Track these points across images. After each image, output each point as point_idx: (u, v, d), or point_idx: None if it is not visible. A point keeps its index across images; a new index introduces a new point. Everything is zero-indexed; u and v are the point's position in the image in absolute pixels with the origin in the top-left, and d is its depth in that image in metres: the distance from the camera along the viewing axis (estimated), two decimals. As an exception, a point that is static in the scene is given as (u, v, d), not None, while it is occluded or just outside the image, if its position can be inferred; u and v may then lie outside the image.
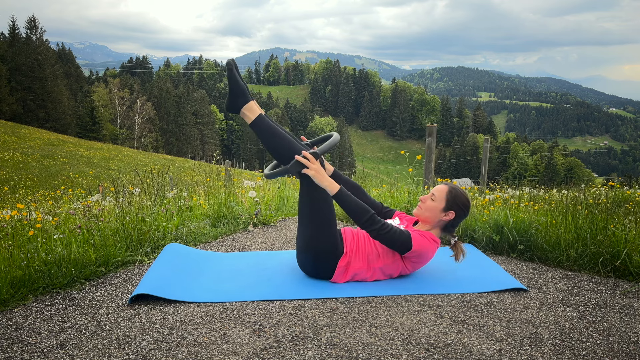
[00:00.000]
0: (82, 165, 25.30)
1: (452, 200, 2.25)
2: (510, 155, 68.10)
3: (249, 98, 2.27)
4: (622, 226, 2.55)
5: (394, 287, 2.20)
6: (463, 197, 2.27)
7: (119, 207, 2.96)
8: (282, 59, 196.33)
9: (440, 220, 2.28)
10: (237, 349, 1.59)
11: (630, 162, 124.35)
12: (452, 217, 2.26)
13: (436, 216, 2.27)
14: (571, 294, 2.17)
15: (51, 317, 1.85)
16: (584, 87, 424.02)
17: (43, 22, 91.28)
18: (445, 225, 2.30)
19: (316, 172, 2.14)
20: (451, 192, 2.26)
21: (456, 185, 2.34)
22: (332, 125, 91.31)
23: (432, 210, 2.27)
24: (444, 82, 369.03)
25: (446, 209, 2.25)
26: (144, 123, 57.59)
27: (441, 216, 2.26)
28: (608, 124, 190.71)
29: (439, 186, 2.32)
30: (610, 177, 13.75)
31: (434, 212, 2.27)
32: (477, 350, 1.59)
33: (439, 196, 2.27)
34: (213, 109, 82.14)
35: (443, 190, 2.28)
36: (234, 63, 2.26)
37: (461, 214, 2.27)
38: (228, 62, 2.27)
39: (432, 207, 2.27)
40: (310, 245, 2.19)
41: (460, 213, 2.27)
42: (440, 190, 2.28)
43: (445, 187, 2.29)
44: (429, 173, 5.05)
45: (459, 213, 2.26)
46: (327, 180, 2.15)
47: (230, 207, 3.85)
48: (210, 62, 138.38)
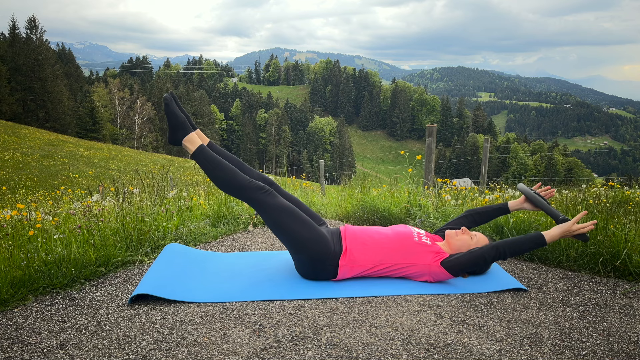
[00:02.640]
0: (82, 165, 25.30)
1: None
2: (510, 156, 68.11)
3: (189, 130, 2.31)
4: (622, 226, 2.55)
5: (394, 287, 2.20)
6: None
7: (119, 207, 2.96)
8: (282, 59, 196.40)
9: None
10: (237, 349, 1.59)
11: (630, 162, 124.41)
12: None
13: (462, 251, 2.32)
14: (571, 294, 2.17)
15: (51, 317, 1.85)
16: (583, 87, 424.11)
17: (42, 22, 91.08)
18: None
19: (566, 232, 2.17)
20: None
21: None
22: (332, 126, 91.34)
23: (466, 246, 2.32)
24: (443, 82, 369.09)
25: None
26: (144, 123, 57.59)
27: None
28: (608, 124, 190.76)
29: (484, 236, 2.38)
30: (610, 177, 13.76)
31: (465, 247, 2.32)
32: (477, 350, 1.59)
33: (479, 241, 2.33)
34: (213, 109, 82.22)
35: (485, 241, 2.35)
36: (170, 97, 2.33)
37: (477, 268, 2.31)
38: (164, 97, 2.33)
39: (466, 243, 2.32)
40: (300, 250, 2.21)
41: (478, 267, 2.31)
42: (484, 239, 2.35)
43: (487, 241, 2.36)
44: (429, 173, 5.05)
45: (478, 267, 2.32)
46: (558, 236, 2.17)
47: (230, 207, 3.85)
48: (210, 62, 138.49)
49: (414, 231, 2.34)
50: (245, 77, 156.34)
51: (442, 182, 4.60)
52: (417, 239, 2.28)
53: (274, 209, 2.21)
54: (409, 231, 2.33)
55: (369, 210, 3.89)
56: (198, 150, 2.27)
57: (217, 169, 2.24)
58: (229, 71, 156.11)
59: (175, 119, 2.30)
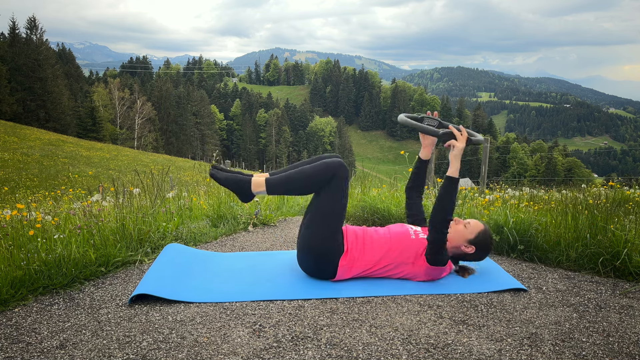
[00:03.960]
0: (82, 166, 25.30)
1: (482, 238, 2.29)
2: (510, 156, 68.09)
3: (248, 179, 2.27)
4: (622, 226, 2.55)
5: (394, 287, 2.20)
6: (490, 243, 2.32)
7: (119, 207, 2.96)
8: (282, 59, 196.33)
9: (458, 247, 2.32)
10: (237, 349, 1.59)
11: (630, 162, 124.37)
12: (469, 252, 2.30)
13: (459, 242, 2.31)
14: (571, 294, 2.17)
15: (51, 317, 1.85)
16: (583, 87, 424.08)
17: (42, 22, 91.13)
18: (457, 254, 2.35)
19: (460, 150, 2.17)
20: (484, 232, 2.31)
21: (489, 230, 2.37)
22: (332, 126, 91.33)
23: (460, 236, 2.30)
24: (443, 82, 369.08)
25: (471, 242, 2.29)
26: (144, 123, 57.57)
27: (462, 244, 2.30)
28: (608, 124, 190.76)
29: (477, 221, 2.36)
30: (610, 177, 13.76)
31: (460, 238, 2.30)
32: (477, 350, 1.59)
33: (473, 228, 2.31)
34: (213, 109, 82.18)
35: (479, 226, 2.32)
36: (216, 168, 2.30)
37: (477, 254, 2.31)
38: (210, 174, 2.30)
39: (461, 233, 2.31)
40: (315, 245, 2.20)
41: (478, 254, 2.31)
42: (477, 225, 2.32)
43: (482, 225, 2.33)
44: (429, 173, 5.05)
45: (476, 253, 2.31)
46: (459, 162, 2.18)
47: (230, 207, 3.85)
48: (210, 62, 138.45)
49: (411, 229, 2.35)
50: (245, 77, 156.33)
51: (442, 182, 4.59)
52: (414, 236, 2.28)
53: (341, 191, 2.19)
54: (406, 230, 2.33)
55: (369, 210, 3.89)
56: (268, 186, 2.26)
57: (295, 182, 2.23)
58: (229, 71, 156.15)
59: (234, 184, 2.27)
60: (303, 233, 2.26)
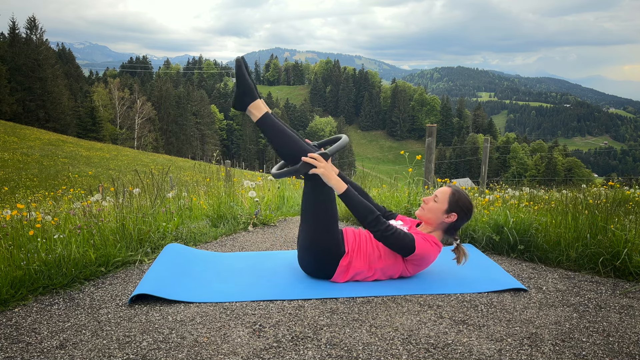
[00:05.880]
0: (82, 166, 25.29)
1: (455, 202, 2.25)
2: (510, 156, 68.11)
3: (256, 96, 2.26)
4: (622, 226, 2.55)
5: (394, 287, 2.20)
6: (466, 199, 2.27)
7: (119, 207, 2.96)
8: (282, 59, 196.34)
9: (442, 222, 2.28)
10: (237, 349, 1.59)
11: (630, 162, 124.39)
12: (454, 219, 2.26)
13: (438, 218, 2.27)
14: (571, 294, 2.17)
15: (51, 317, 1.85)
16: (584, 87, 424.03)
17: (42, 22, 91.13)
18: (447, 228, 2.30)
19: (325, 171, 2.15)
20: (454, 195, 2.26)
21: (459, 188, 2.34)
22: (332, 126, 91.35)
23: (435, 212, 2.27)
24: (443, 82, 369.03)
25: (449, 211, 2.25)
26: (144, 123, 57.57)
27: (443, 218, 2.26)
28: (608, 124, 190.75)
29: (442, 188, 2.31)
30: (610, 177, 13.75)
31: (436, 213, 2.27)
32: (477, 350, 1.59)
33: (442, 198, 2.26)
34: (213, 109, 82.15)
35: (446, 192, 2.27)
36: (243, 61, 2.25)
37: (463, 216, 2.27)
38: (237, 59, 2.26)
39: (434, 209, 2.27)
40: (313, 244, 2.20)
41: (463, 216, 2.26)
42: (443, 192, 2.28)
43: (448, 189, 2.29)
44: (429, 173, 5.05)
45: (461, 216, 2.26)
46: (334, 180, 2.16)
47: (230, 207, 3.84)
48: (210, 62, 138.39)
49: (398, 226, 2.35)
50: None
51: (442, 182, 4.60)
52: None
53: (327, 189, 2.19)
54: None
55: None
56: (264, 117, 2.24)
57: (283, 136, 2.22)
58: (229, 71, 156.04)
59: (244, 83, 2.24)
60: (302, 231, 2.26)
